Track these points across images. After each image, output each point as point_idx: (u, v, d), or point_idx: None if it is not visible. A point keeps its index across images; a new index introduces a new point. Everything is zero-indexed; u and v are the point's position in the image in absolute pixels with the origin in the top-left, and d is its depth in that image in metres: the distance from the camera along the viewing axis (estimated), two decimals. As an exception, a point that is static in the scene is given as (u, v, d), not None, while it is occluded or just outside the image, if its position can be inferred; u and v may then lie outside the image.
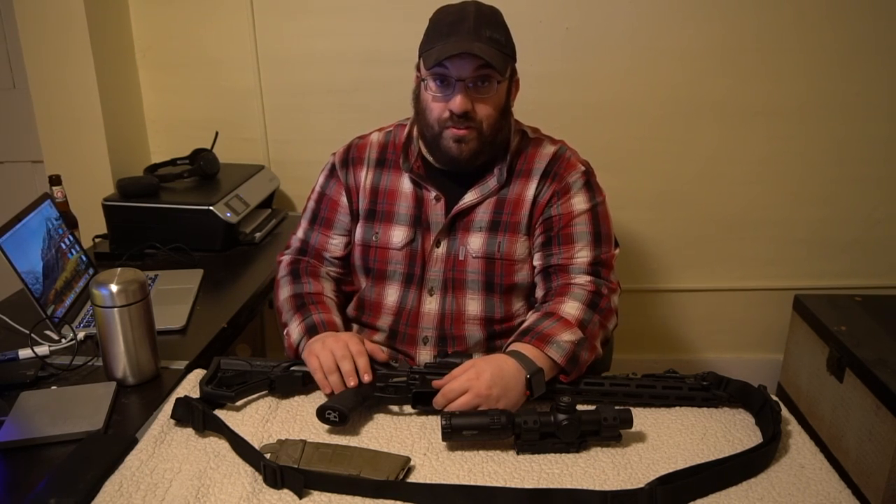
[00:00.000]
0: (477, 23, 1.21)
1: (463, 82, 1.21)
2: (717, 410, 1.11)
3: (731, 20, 2.12)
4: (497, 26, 1.24)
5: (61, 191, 1.74)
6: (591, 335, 1.21)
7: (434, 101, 1.25)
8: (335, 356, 1.13)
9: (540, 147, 1.36)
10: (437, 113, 1.25)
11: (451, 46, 1.19)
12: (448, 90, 1.23)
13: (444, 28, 1.23)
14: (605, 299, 1.27)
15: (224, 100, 2.26)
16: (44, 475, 0.97)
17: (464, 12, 1.23)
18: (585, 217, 1.32)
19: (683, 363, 2.42)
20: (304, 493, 0.94)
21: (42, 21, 2.01)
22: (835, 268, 2.37)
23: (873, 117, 2.20)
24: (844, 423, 1.94)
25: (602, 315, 1.25)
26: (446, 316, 1.33)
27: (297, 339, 1.25)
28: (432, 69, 1.21)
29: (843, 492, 0.94)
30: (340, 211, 1.40)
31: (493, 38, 1.21)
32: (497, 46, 1.21)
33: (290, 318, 1.30)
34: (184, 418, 1.08)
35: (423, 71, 1.26)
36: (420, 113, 1.30)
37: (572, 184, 1.32)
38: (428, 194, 1.34)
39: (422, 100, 1.28)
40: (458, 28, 1.21)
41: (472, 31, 1.20)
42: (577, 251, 1.30)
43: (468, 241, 1.32)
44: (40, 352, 1.33)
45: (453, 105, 1.22)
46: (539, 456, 1.01)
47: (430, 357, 1.33)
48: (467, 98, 1.21)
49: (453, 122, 1.23)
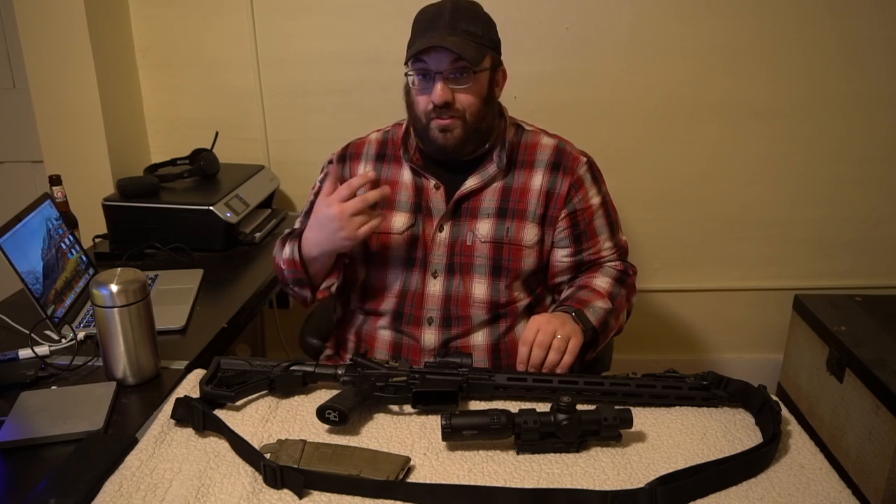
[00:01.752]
0: (452, 17, 1.28)
1: (441, 74, 1.27)
2: (717, 410, 1.11)
3: (731, 20, 2.12)
4: (473, 19, 1.30)
5: (61, 191, 1.74)
6: (619, 307, 1.35)
7: (418, 95, 1.32)
8: (359, 211, 1.22)
9: (538, 138, 1.43)
10: (423, 105, 1.32)
11: (426, 41, 1.26)
12: (429, 83, 1.29)
13: (423, 24, 1.31)
14: (630, 277, 1.42)
15: (224, 100, 2.26)
16: (44, 475, 0.97)
17: (441, 9, 1.30)
18: (601, 210, 1.42)
19: (683, 363, 2.41)
20: (304, 493, 0.94)
21: (42, 21, 2.01)
22: (835, 268, 2.37)
23: (873, 117, 2.20)
24: (844, 423, 1.94)
25: (628, 290, 1.39)
26: (451, 298, 1.37)
27: (291, 250, 1.35)
28: (413, 64, 1.30)
29: (843, 492, 0.94)
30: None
31: (468, 30, 1.28)
32: (472, 38, 1.28)
33: (280, 253, 1.39)
34: (184, 418, 1.08)
35: (407, 67, 1.32)
36: (409, 107, 1.37)
37: (584, 177, 1.40)
38: (428, 183, 1.39)
39: (410, 95, 1.35)
40: (434, 24, 1.29)
41: (448, 25, 1.27)
42: (602, 244, 1.42)
43: (476, 226, 1.37)
44: (40, 352, 1.33)
45: (434, 96, 1.28)
46: (539, 456, 1.01)
47: (435, 338, 1.36)
48: (446, 89, 1.28)
49: (437, 113, 1.30)
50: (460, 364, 1.14)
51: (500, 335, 1.38)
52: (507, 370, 1.15)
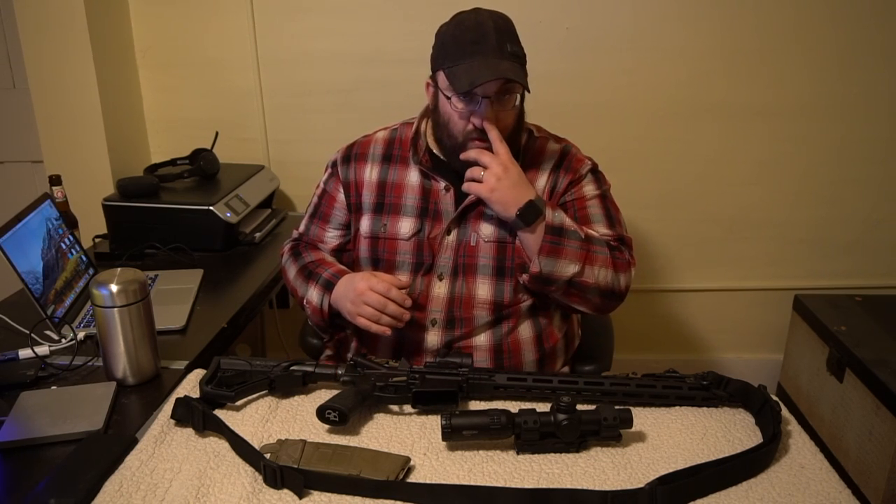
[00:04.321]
0: (498, 39, 1.23)
1: (489, 98, 1.24)
2: (717, 410, 1.11)
3: (731, 20, 2.12)
4: (514, 38, 1.27)
5: (61, 191, 1.74)
6: (591, 255, 1.28)
7: (459, 116, 1.28)
8: (373, 306, 1.24)
9: (546, 143, 1.43)
10: (462, 126, 1.28)
11: (482, 68, 1.20)
12: (473, 105, 1.25)
13: (468, 46, 1.23)
14: (624, 255, 1.35)
15: (224, 100, 2.26)
16: (44, 475, 0.97)
17: (483, 28, 1.23)
18: (596, 201, 1.39)
19: (683, 363, 2.41)
20: (304, 493, 0.94)
21: (42, 21, 2.01)
22: (835, 268, 2.37)
23: (873, 118, 2.20)
24: (844, 423, 1.94)
25: (615, 261, 1.31)
26: (455, 299, 1.37)
27: (319, 300, 1.35)
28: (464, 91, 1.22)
29: (843, 492, 0.94)
30: (337, 206, 1.45)
31: (515, 52, 1.25)
32: (519, 61, 1.25)
33: (304, 289, 1.39)
34: (184, 418, 1.08)
35: (444, 86, 1.27)
36: (441, 124, 1.32)
37: (584, 175, 1.40)
38: (437, 185, 1.38)
39: (442, 112, 1.31)
40: (482, 47, 1.22)
41: (496, 48, 1.22)
42: (596, 230, 1.36)
43: (480, 227, 1.36)
44: (40, 352, 1.33)
45: (482, 122, 1.25)
46: (539, 456, 1.01)
47: (438, 339, 1.36)
48: (493, 113, 1.25)
49: (478, 136, 1.27)
50: (460, 364, 1.14)
51: (502, 336, 1.37)
52: (507, 370, 1.15)
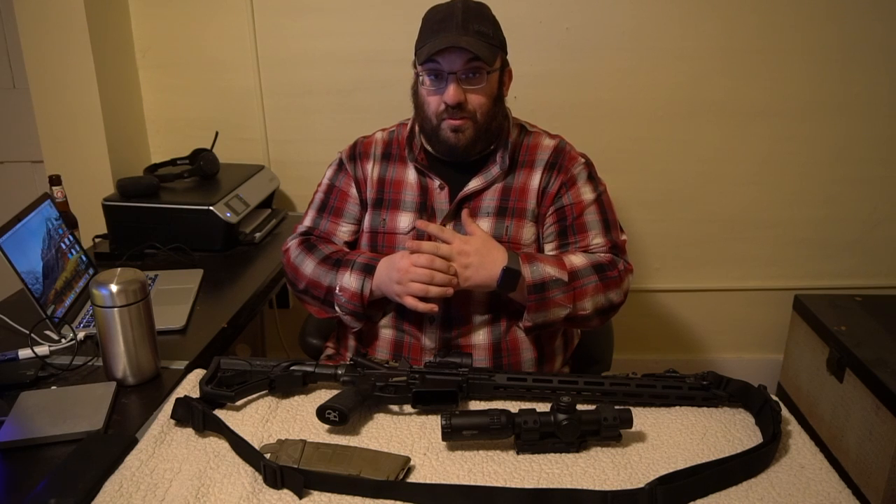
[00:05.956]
0: (464, 18, 1.28)
1: (454, 75, 1.28)
2: (717, 410, 1.11)
3: (731, 20, 2.12)
4: (484, 20, 1.31)
5: (61, 191, 1.74)
6: (580, 290, 1.29)
7: (430, 95, 1.32)
8: (421, 280, 1.24)
9: (540, 139, 1.43)
10: (434, 106, 1.32)
11: (440, 41, 1.26)
12: (441, 83, 1.30)
13: (434, 25, 1.30)
14: (615, 271, 1.34)
15: (224, 100, 2.26)
16: (44, 475, 0.97)
17: (452, 9, 1.30)
18: (594, 207, 1.39)
19: (683, 363, 2.42)
20: (304, 493, 0.94)
21: (42, 21, 2.01)
22: (835, 268, 2.37)
23: (873, 118, 2.20)
24: (844, 423, 1.94)
25: (604, 282, 1.31)
26: (452, 297, 1.35)
27: (359, 284, 1.32)
28: (425, 65, 1.29)
29: (843, 492, 0.94)
30: (350, 201, 1.46)
31: (481, 31, 1.29)
32: (484, 39, 1.28)
33: (333, 278, 1.35)
34: (184, 418, 1.08)
35: (417, 67, 1.32)
36: (419, 108, 1.37)
37: (577, 175, 1.39)
38: (432, 183, 1.40)
39: (419, 95, 1.35)
40: (446, 24, 1.28)
41: (460, 25, 1.27)
42: (591, 239, 1.37)
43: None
44: (40, 352, 1.33)
45: (447, 97, 1.29)
46: (539, 456, 1.01)
47: (436, 337, 1.37)
48: (459, 89, 1.28)
49: (449, 114, 1.30)
50: (460, 364, 1.14)
51: (500, 334, 1.37)
52: (507, 370, 1.15)
